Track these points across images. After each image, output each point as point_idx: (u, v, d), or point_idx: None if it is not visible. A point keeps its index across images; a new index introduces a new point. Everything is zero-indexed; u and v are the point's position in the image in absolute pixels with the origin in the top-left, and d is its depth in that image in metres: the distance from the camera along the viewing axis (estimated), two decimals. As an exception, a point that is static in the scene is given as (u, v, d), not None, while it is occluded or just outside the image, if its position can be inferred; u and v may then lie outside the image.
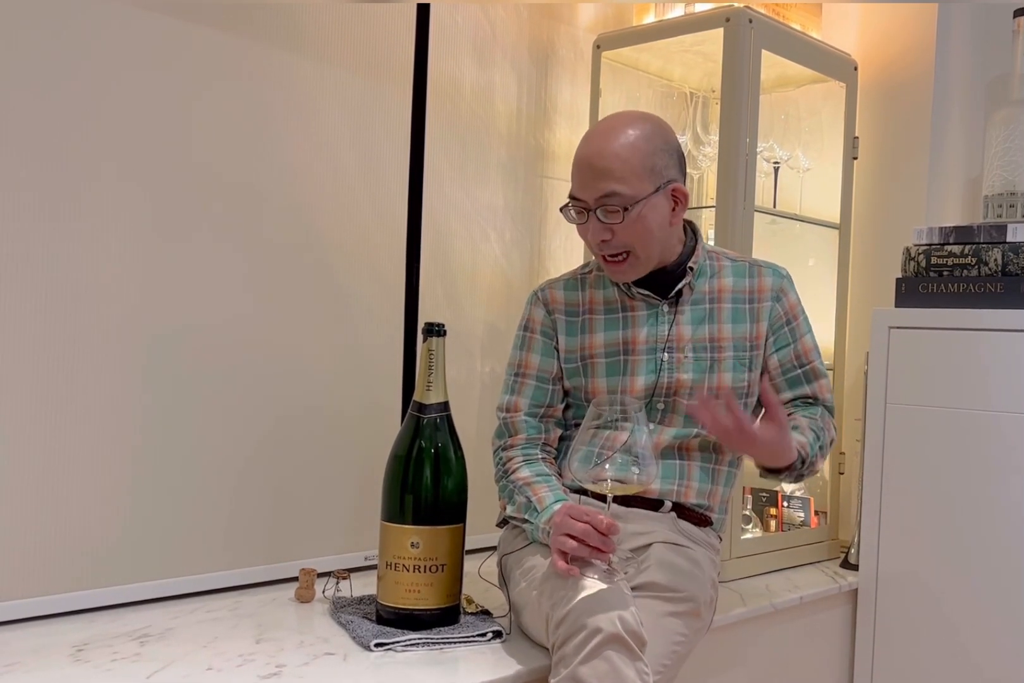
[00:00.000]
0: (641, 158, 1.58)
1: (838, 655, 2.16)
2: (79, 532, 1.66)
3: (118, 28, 1.66)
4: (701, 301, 1.70)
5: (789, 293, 1.74)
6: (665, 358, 1.67)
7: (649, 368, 1.67)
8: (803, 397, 1.75)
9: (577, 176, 1.61)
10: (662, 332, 1.68)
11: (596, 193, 1.57)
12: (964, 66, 2.46)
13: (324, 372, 1.96)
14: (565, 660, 1.34)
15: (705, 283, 1.71)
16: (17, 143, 1.57)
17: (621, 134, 1.59)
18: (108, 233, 1.67)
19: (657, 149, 1.60)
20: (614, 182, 1.56)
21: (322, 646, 1.53)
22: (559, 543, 1.44)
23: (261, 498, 1.88)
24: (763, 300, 1.72)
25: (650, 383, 1.67)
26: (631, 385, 1.67)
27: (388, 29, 2.02)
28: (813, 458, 1.65)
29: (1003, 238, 2.03)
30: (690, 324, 1.68)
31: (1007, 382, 1.95)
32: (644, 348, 1.68)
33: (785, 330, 1.73)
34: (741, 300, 1.71)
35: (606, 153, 1.57)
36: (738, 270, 1.73)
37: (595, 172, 1.58)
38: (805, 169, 2.33)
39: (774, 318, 1.72)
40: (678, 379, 1.66)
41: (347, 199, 1.98)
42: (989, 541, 1.96)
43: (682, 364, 1.67)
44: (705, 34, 2.14)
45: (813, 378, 1.75)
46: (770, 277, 1.73)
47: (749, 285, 1.72)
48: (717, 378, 1.67)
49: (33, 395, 1.60)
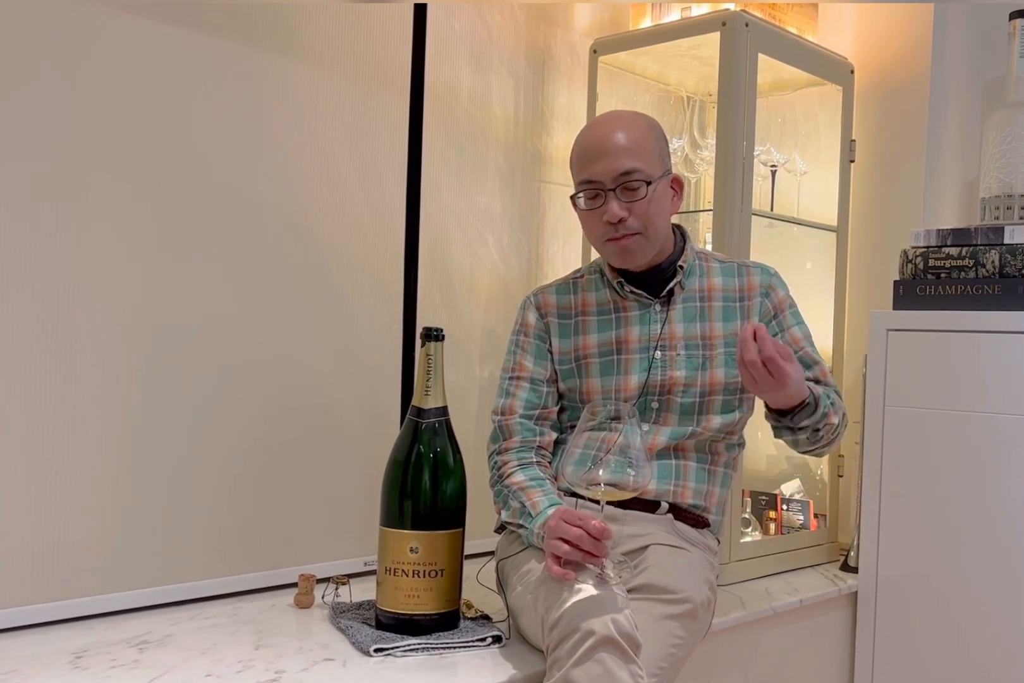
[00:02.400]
0: (651, 142, 1.64)
1: (838, 658, 2.15)
2: (77, 539, 1.66)
3: (114, 34, 1.66)
4: (692, 299, 1.72)
5: (778, 289, 1.76)
6: (658, 356, 1.68)
7: (642, 366, 1.68)
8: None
9: (590, 158, 1.63)
10: (654, 330, 1.69)
11: (616, 170, 1.60)
12: (960, 69, 2.46)
13: (323, 377, 1.96)
14: (558, 663, 1.34)
15: (695, 282, 1.72)
16: (15, 147, 1.57)
17: (628, 120, 1.66)
18: (106, 239, 1.67)
19: (660, 138, 1.67)
20: (633, 159, 1.60)
21: (321, 652, 1.53)
22: (553, 547, 1.44)
23: (260, 504, 1.88)
24: (752, 297, 1.73)
25: (643, 381, 1.67)
26: (625, 384, 1.68)
27: (385, 35, 2.02)
28: (826, 409, 1.63)
29: (1000, 240, 2.03)
30: (682, 322, 1.70)
31: (1005, 384, 1.95)
32: (637, 347, 1.69)
33: (773, 323, 1.74)
34: (731, 298, 1.73)
35: (620, 133, 1.62)
36: (727, 270, 1.75)
37: (612, 150, 1.61)
38: (802, 172, 2.33)
39: (763, 313, 1.74)
40: (671, 376, 1.67)
41: (344, 204, 1.98)
42: (989, 543, 1.96)
43: (675, 361, 1.68)
44: (702, 38, 2.14)
45: (811, 363, 1.74)
46: (758, 275, 1.75)
47: (738, 284, 1.74)
48: (710, 375, 1.69)
49: (29, 401, 1.60)
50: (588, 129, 1.69)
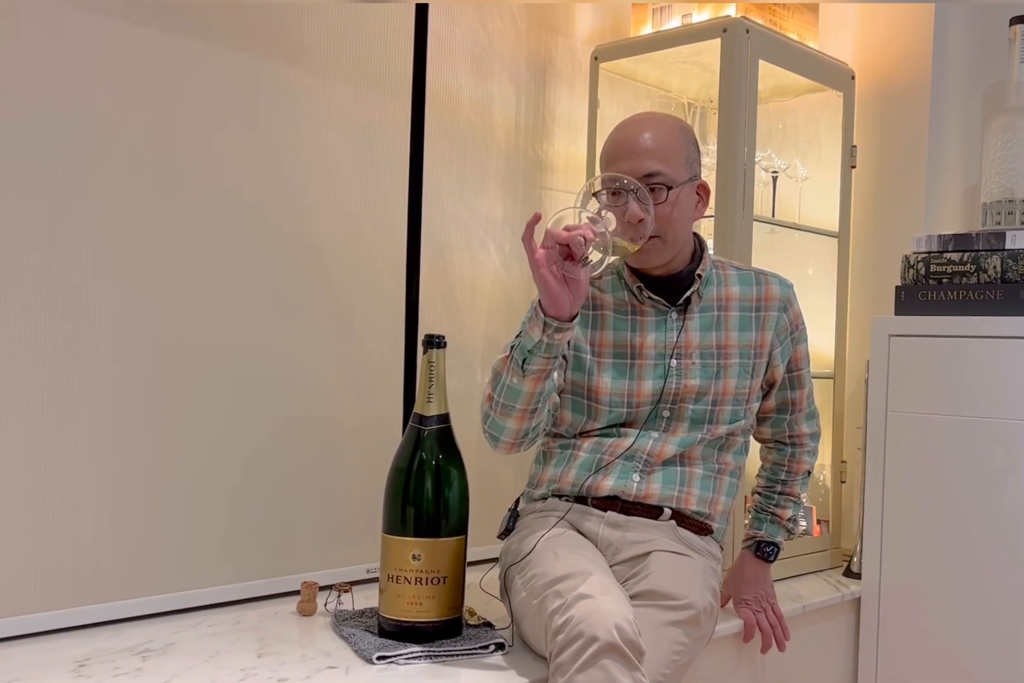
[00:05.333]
0: (680, 145, 1.65)
1: (841, 664, 2.15)
2: (80, 547, 1.66)
3: (110, 39, 1.66)
4: (709, 308, 1.72)
5: (795, 304, 1.78)
6: (673, 364, 1.68)
7: (657, 373, 1.68)
8: (783, 404, 1.81)
9: (616, 157, 1.64)
10: (670, 338, 1.69)
11: (639, 171, 1.61)
12: (961, 74, 2.46)
13: (325, 384, 1.97)
14: (561, 668, 1.34)
15: (712, 291, 1.73)
16: (13, 153, 1.58)
17: (660, 122, 1.67)
18: (105, 246, 1.67)
19: (690, 142, 1.68)
20: (658, 162, 1.62)
21: (324, 659, 1.53)
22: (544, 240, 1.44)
23: (262, 511, 1.88)
24: (770, 309, 1.73)
25: (658, 388, 1.68)
26: (639, 389, 1.68)
27: (386, 42, 2.02)
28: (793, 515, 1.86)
29: (1002, 245, 2.03)
30: (698, 331, 1.70)
31: (1008, 389, 1.94)
32: (652, 353, 1.69)
33: (788, 340, 1.77)
34: (748, 308, 1.73)
35: (649, 135, 1.63)
36: (744, 279, 1.75)
37: (639, 151, 1.62)
38: (803, 178, 2.34)
39: (780, 328, 1.74)
40: (685, 384, 1.68)
41: (346, 211, 1.98)
42: (993, 549, 1.96)
43: (690, 370, 1.69)
44: (702, 45, 2.14)
45: (798, 385, 1.81)
46: (777, 286, 1.76)
47: (756, 293, 1.74)
48: (723, 384, 1.69)
49: (31, 410, 1.60)
50: (619, 127, 1.69)
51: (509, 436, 1.59)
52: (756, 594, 1.85)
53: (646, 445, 1.67)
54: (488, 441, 1.63)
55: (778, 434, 1.85)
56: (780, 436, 1.85)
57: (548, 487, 1.72)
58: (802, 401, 1.82)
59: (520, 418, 1.56)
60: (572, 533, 1.66)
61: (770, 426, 1.85)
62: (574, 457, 1.71)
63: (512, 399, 1.54)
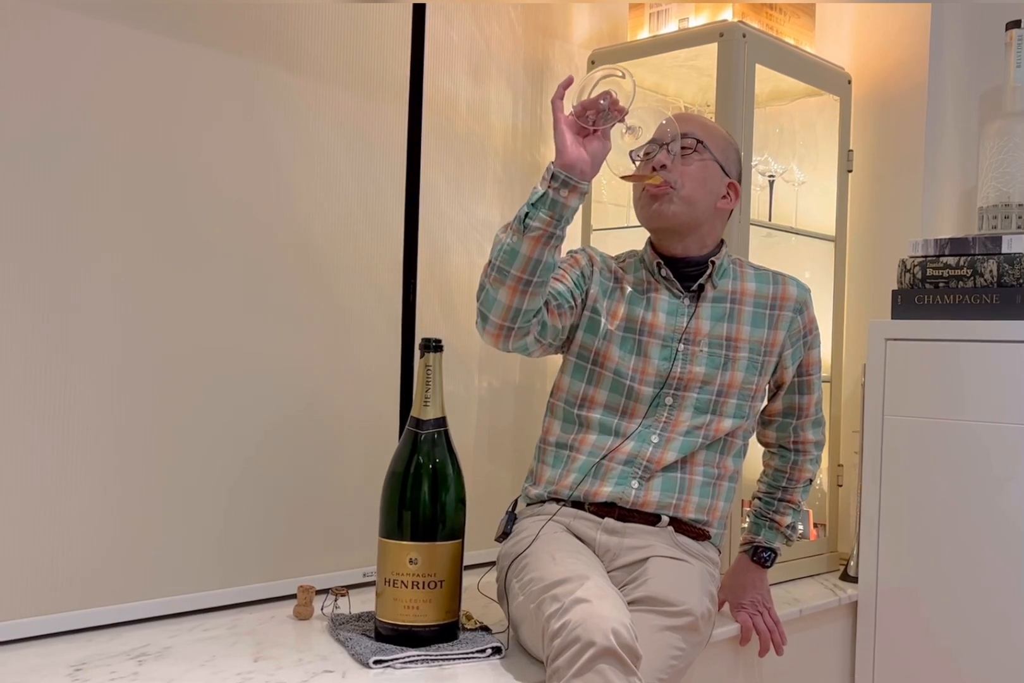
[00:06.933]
0: (724, 137, 1.75)
1: (838, 668, 2.15)
2: (76, 551, 1.66)
3: (109, 45, 1.66)
4: (722, 299, 1.73)
5: (810, 308, 1.79)
6: (680, 348, 1.69)
7: (664, 355, 1.69)
8: (790, 408, 1.83)
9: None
10: (680, 323, 1.70)
11: (683, 129, 1.66)
12: (957, 78, 2.47)
13: (322, 388, 1.96)
14: (558, 673, 1.34)
15: (728, 284, 1.74)
16: (11, 155, 1.58)
17: (710, 121, 1.82)
18: (105, 251, 1.67)
19: (732, 145, 1.77)
20: (701, 132, 1.71)
21: (321, 663, 1.53)
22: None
23: (258, 515, 1.88)
24: (784, 309, 1.75)
25: (663, 370, 1.68)
26: (644, 366, 1.69)
27: (383, 46, 2.03)
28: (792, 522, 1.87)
29: (998, 249, 2.03)
30: (709, 319, 1.71)
31: (1004, 393, 1.95)
32: (661, 333, 1.70)
33: (800, 343, 1.78)
34: (763, 305, 1.74)
35: (699, 119, 1.78)
36: (762, 277, 1.77)
37: (689, 117, 1.76)
38: (800, 182, 2.34)
39: (793, 330, 1.75)
40: (690, 371, 1.68)
41: (343, 215, 1.98)
42: (989, 552, 1.96)
43: (696, 356, 1.69)
44: (699, 49, 2.15)
45: (807, 391, 1.82)
46: (794, 288, 1.77)
47: (772, 291, 1.75)
48: (730, 376, 1.70)
49: (28, 412, 1.60)
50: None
51: (499, 313, 1.54)
52: (753, 598, 1.85)
53: (646, 451, 1.67)
54: (478, 324, 1.58)
55: (783, 439, 1.85)
56: (784, 441, 1.85)
57: (545, 488, 1.72)
58: (810, 407, 1.83)
59: (513, 289, 1.52)
60: (569, 536, 1.66)
61: (775, 430, 1.85)
62: (572, 459, 1.70)
63: (508, 263, 1.51)
